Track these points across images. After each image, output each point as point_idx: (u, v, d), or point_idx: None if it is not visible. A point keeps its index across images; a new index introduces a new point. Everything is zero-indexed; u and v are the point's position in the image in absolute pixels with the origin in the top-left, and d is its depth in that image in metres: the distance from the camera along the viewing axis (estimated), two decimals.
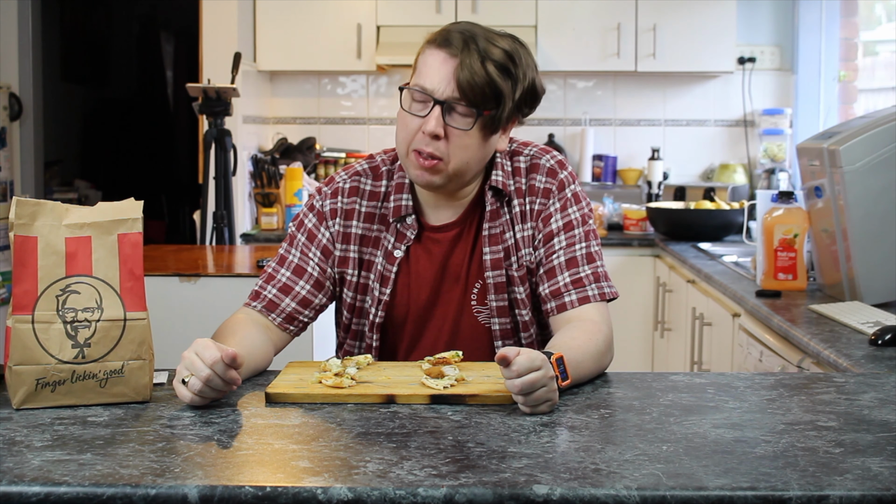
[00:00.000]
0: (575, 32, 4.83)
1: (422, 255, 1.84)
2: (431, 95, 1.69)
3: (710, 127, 5.19)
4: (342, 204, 1.84)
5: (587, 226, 1.82)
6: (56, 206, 1.52)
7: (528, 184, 1.83)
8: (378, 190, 1.85)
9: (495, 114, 1.71)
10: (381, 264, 1.83)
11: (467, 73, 1.66)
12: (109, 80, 7.67)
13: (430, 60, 1.70)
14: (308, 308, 1.83)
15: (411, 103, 1.72)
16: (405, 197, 1.83)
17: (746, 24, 5.06)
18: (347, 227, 1.84)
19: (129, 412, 1.46)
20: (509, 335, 1.84)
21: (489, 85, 1.67)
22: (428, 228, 1.84)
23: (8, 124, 4.87)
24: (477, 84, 1.67)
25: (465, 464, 1.22)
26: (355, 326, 1.87)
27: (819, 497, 1.13)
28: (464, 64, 1.66)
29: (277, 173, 4.82)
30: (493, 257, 1.82)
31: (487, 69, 1.67)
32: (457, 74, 1.67)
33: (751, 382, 1.67)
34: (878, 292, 2.63)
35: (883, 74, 4.41)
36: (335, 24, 4.88)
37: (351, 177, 1.86)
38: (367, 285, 1.85)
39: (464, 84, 1.67)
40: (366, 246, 1.84)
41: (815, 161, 2.72)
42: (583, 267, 1.79)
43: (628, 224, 4.75)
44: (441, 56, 1.69)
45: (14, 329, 1.46)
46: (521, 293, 1.82)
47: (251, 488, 1.14)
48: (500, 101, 1.69)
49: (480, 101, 1.68)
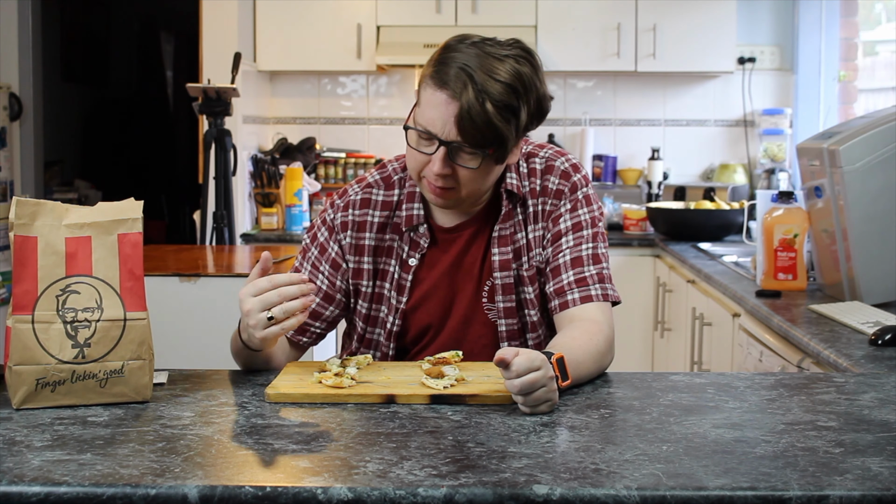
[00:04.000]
0: (575, 32, 4.83)
1: (438, 254, 1.85)
2: (435, 136, 1.67)
3: (710, 127, 5.19)
4: (353, 216, 1.85)
5: (596, 228, 1.83)
6: (56, 206, 1.52)
7: (542, 185, 1.84)
8: (390, 199, 1.86)
9: (498, 152, 1.69)
10: (397, 273, 1.84)
11: (467, 119, 1.63)
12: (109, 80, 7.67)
13: (431, 101, 1.67)
14: (318, 320, 1.85)
15: (418, 141, 1.71)
16: (416, 206, 1.83)
17: (746, 24, 5.06)
18: (360, 239, 1.84)
19: (129, 412, 1.46)
20: (516, 336, 1.84)
21: (490, 129, 1.65)
22: (442, 230, 1.85)
23: (8, 124, 4.87)
24: (478, 128, 1.64)
25: (465, 464, 1.22)
26: (369, 335, 1.88)
27: (819, 497, 1.13)
28: (462, 109, 1.63)
29: (277, 173, 4.82)
30: (502, 258, 1.83)
31: (488, 112, 1.63)
32: (457, 119, 1.64)
33: (751, 382, 1.67)
34: (878, 292, 2.63)
35: (883, 74, 4.41)
36: (335, 24, 4.88)
37: (363, 189, 1.87)
38: (382, 294, 1.85)
39: (466, 129, 1.64)
40: (379, 256, 1.85)
41: (815, 161, 2.71)
42: (588, 267, 1.79)
43: (628, 224, 4.75)
44: (441, 98, 1.65)
45: (14, 329, 1.46)
46: (530, 293, 1.83)
47: (251, 488, 1.14)
48: (502, 142, 1.68)
49: (483, 142, 1.66)
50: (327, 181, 5.11)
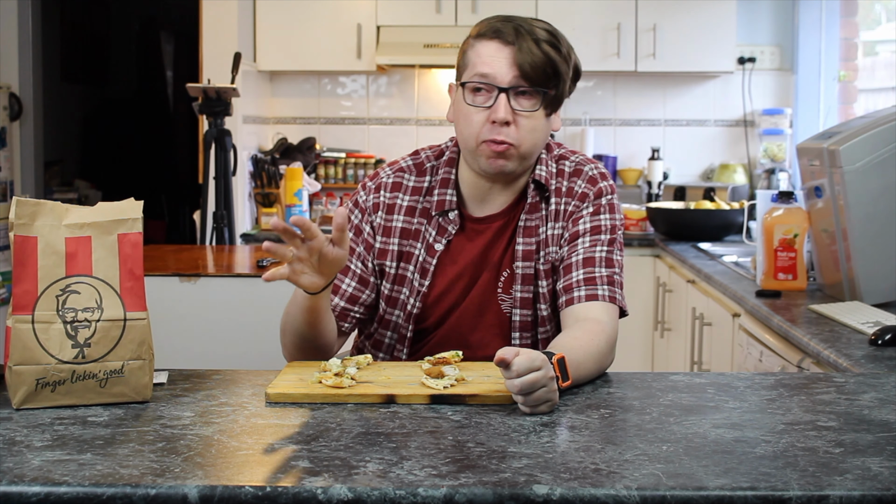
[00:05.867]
0: (575, 32, 4.82)
1: (465, 243, 1.87)
2: (494, 84, 1.73)
3: (710, 127, 5.19)
4: (384, 198, 1.88)
5: (614, 235, 1.86)
6: (56, 206, 1.52)
7: (568, 186, 1.88)
8: (421, 185, 1.89)
9: (557, 91, 1.77)
10: (422, 256, 1.87)
11: (527, 57, 1.72)
12: (109, 80, 7.67)
13: (484, 51, 1.75)
14: (356, 304, 1.88)
15: (474, 96, 1.76)
16: (450, 192, 1.87)
17: (746, 24, 5.06)
18: (389, 221, 1.88)
19: (129, 412, 1.46)
20: (528, 328, 1.86)
21: (549, 64, 1.73)
22: (472, 220, 1.88)
23: (8, 124, 4.87)
24: (538, 65, 1.73)
25: (465, 464, 1.22)
26: (388, 316, 1.90)
27: (819, 497, 1.13)
28: (521, 48, 1.72)
29: (277, 173, 4.82)
30: (525, 248, 1.85)
31: (544, 49, 1.73)
32: (517, 60, 1.72)
33: (751, 382, 1.67)
34: (878, 292, 2.63)
35: (883, 74, 4.41)
36: (335, 24, 4.88)
37: (395, 172, 1.91)
38: (405, 276, 1.88)
39: (526, 68, 1.72)
40: (406, 238, 1.88)
41: (815, 161, 2.71)
42: (599, 268, 1.81)
43: (628, 224, 4.74)
44: (494, 45, 1.74)
45: (14, 329, 1.46)
46: (543, 287, 1.86)
47: (251, 488, 1.14)
48: (559, 79, 1.76)
49: (543, 81, 1.74)
50: (327, 181, 5.11)
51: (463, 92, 1.78)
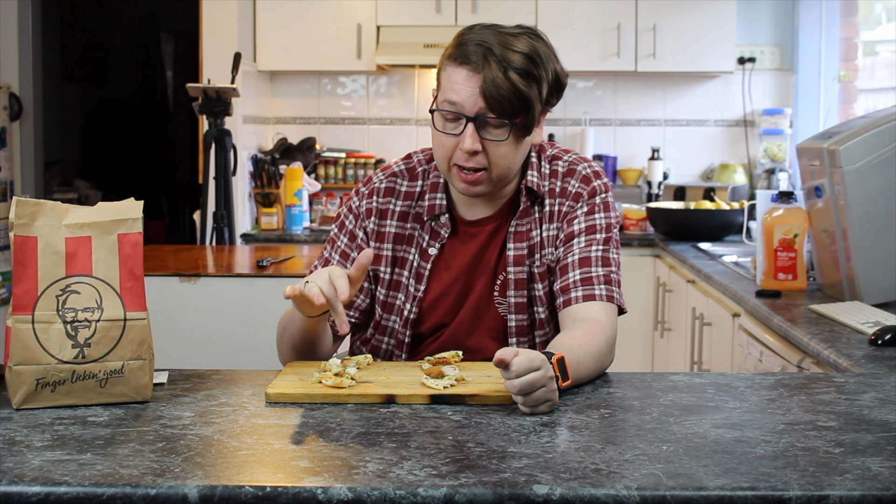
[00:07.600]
0: (575, 32, 4.83)
1: (458, 246, 1.87)
2: (462, 113, 1.71)
3: (710, 127, 5.19)
4: (377, 203, 1.88)
5: (609, 233, 1.85)
6: (56, 206, 1.52)
7: (562, 186, 1.87)
8: (413, 190, 1.88)
9: (526, 119, 1.73)
10: (416, 261, 1.86)
11: (492, 88, 1.68)
12: (109, 80, 7.67)
13: (453, 78, 1.72)
14: (351, 308, 1.88)
15: (444, 123, 1.75)
16: (439, 196, 1.86)
17: (746, 24, 5.06)
18: (382, 227, 1.87)
19: (129, 412, 1.46)
20: (524, 332, 1.86)
21: (516, 95, 1.69)
22: (464, 223, 1.87)
23: (8, 124, 4.87)
24: (504, 97, 1.68)
25: (465, 464, 1.22)
26: (385, 322, 1.89)
27: (819, 497, 1.13)
28: (486, 79, 1.68)
29: (277, 173, 4.82)
30: (516, 254, 1.85)
31: (511, 79, 1.68)
32: (483, 90, 1.68)
33: (751, 382, 1.67)
34: (878, 292, 2.63)
35: (883, 74, 4.41)
36: (335, 24, 4.88)
37: (388, 177, 1.90)
38: (400, 282, 1.87)
39: (491, 99, 1.69)
40: (399, 244, 1.87)
41: (815, 161, 2.71)
42: (595, 267, 1.80)
43: (628, 224, 4.75)
44: (463, 73, 1.70)
45: (14, 329, 1.46)
46: (539, 290, 1.85)
47: (251, 488, 1.14)
48: (528, 107, 1.72)
49: (510, 111, 1.70)
50: (327, 181, 5.11)
51: (433, 117, 1.77)
